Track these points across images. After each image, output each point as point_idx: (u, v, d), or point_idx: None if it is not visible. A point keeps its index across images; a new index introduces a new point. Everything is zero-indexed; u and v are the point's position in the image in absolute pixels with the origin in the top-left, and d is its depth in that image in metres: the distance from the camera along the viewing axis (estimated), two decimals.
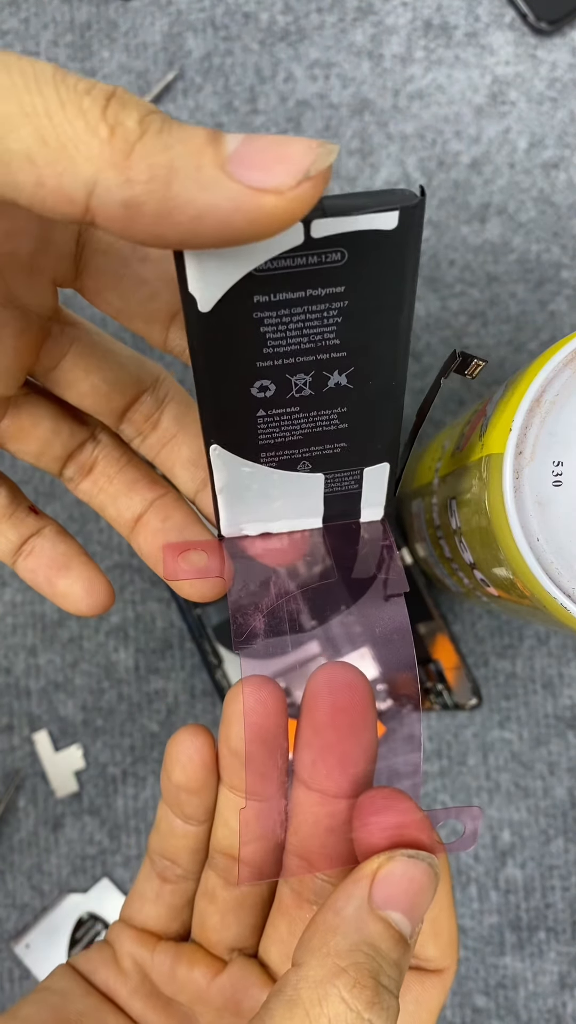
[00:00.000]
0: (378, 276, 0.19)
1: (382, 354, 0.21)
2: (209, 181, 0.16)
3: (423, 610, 0.40)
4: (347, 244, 0.18)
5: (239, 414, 0.22)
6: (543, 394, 0.26)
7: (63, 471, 0.27)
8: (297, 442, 0.23)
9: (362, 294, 0.20)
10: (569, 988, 0.46)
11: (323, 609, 0.26)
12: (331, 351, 0.21)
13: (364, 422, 0.23)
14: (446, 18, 0.48)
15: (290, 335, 0.20)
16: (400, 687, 0.44)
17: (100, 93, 0.16)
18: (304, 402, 0.22)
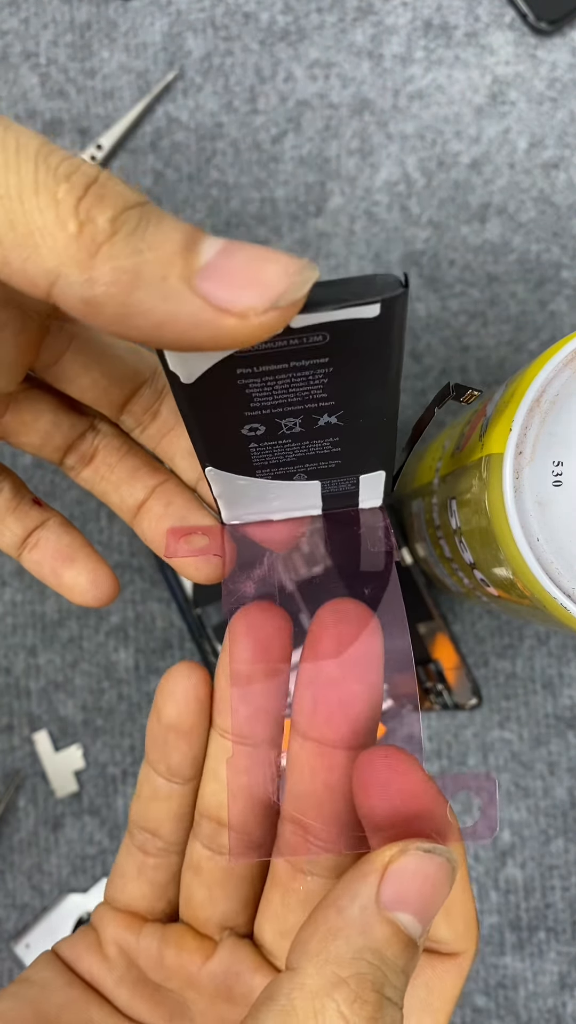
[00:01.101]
0: (363, 353, 0.19)
1: (371, 404, 0.21)
2: (172, 293, 0.15)
3: (423, 610, 0.40)
4: (328, 330, 0.18)
5: (231, 448, 0.22)
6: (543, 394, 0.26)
7: (64, 460, 0.27)
8: (291, 462, 0.23)
9: (347, 365, 0.19)
10: (569, 988, 0.46)
11: (318, 597, 0.26)
12: (319, 401, 0.21)
13: (357, 446, 0.23)
14: (446, 18, 0.48)
15: (276, 393, 0.20)
16: (399, 685, 0.44)
17: (80, 181, 0.16)
18: (295, 436, 0.22)
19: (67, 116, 0.48)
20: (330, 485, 0.25)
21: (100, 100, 0.48)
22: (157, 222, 0.16)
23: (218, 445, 0.22)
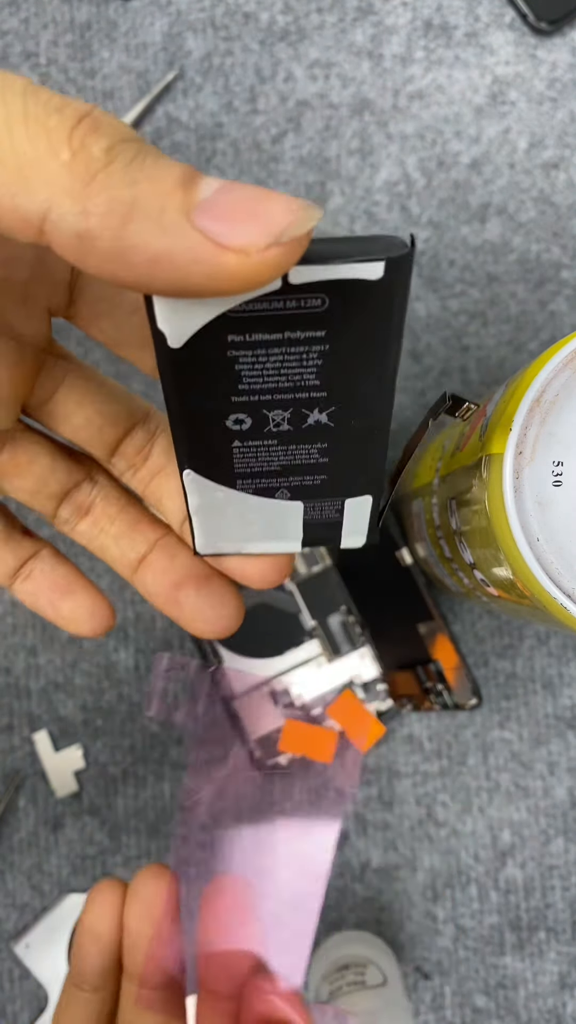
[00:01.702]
0: (362, 325, 0.18)
1: (365, 397, 0.20)
2: (170, 226, 0.15)
3: (423, 610, 0.40)
4: (328, 291, 0.17)
5: (213, 444, 0.21)
6: (543, 394, 0.26)
7: (58, 512, 0.26)
8: (275, 472, 0.22)
9: (344, 340, 0.18)
10: (569, 988, 0.46)
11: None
12: (311, 391, 0.20)
13: (345, 458, 0.22)
14: (446, 18, 0.48)
15: (267, 374, 0.19)
16: (399, 687, 0.44)
17: (72, 112, 0.15)
18: (282, 436, 0.21)
19: None
20: (313, 510, 0.24)
21: (100, 100, 0.48)
22: (155, 156, 0.15)
23: (200, 438, 0.21)
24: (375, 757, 0.47)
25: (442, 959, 0.47)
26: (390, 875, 0.47)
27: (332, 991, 0.41)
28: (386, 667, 0.45)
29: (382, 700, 0.46)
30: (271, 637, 0.46)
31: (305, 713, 0.46)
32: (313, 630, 0.46)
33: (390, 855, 0.47)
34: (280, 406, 0.20)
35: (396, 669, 0.45)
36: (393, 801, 0.47)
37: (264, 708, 0.45)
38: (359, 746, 0.45)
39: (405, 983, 0.46)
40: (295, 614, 0.46)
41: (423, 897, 0.47)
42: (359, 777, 0.35)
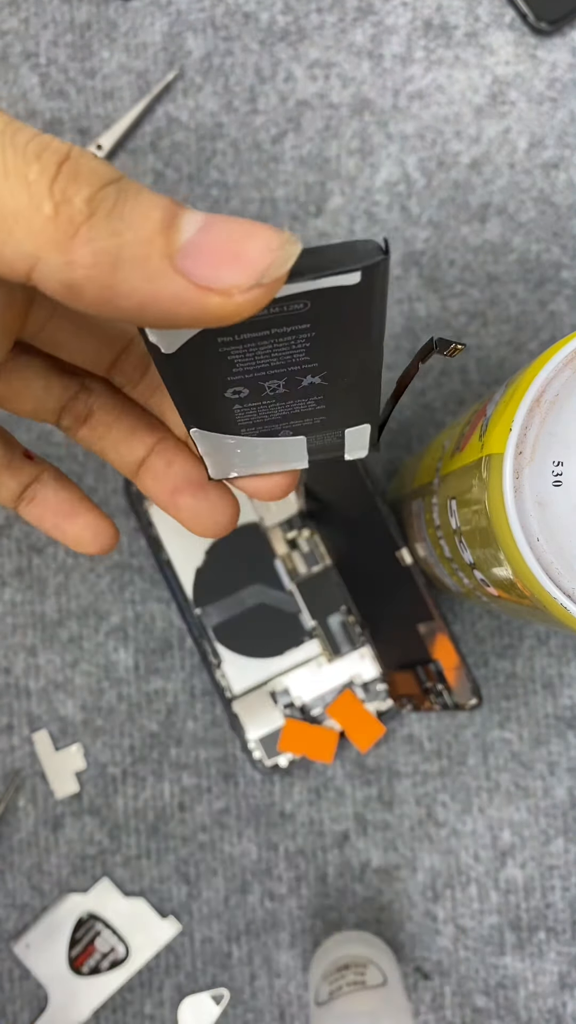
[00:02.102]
0: (344, 318, 0.19)
1: (353, 365, 0.21)
2: (155, 273, 0.15)
3: (423, 610, 0.40)
4: (310, 298, 0.17)
5: (215, 409, 0.22)
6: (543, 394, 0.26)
7: (60, 421, 0.27)
8: (276, 419, 0.23)
9: (328, 329, 0.19)
10: (569, 988, 0.46)
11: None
12: (302, 364, 0.20)
13: (341, 402, 0.23)
14: (446, 18, 0.48)
15: (259, 359, 0.20)
16: (399, 687, 0.44)
17: (52, 159, 0.15)
18: (279, 397, 0.22)
19: (67, 116, 0.48)
20: (316, 440, 0.25)
21: (100, 100, 0.48)
22: (135, 198, 0.15)
23: (202, 410, 0.22)
24: (375, 757, 0.47)
25: (442, 959, 0.47)
26: (390, 875, 0.47)
27: (332, 991, 0.41)
28: (386, 667, 0.45)
29: (382, 700, 0.46)
30: (271, 637, 0.46)
31: (305, 713, 0.46)
32: (313, 630, 0.46)
33: (390, 855, 0.47)
34: (275, 377, 0.21)
35: (396, 669, 0.45)
36: (393, 801, 0.47)
37: (264, 708, 0.45)
38: (359, 746, 0.45)
39: (405, 983, 0.46)
40: (295, 614, 0.46)
41: (423, 897, 0.47)
42: None
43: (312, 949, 0.46)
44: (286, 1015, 0.46)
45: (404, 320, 0.48)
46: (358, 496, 0.41)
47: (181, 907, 0.47)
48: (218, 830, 0.47)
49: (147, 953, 0.46)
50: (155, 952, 0.46)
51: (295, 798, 0.47)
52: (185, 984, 0.46)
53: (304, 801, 0.47)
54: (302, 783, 0.47)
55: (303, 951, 0.46)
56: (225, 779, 0.47)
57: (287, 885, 0.47)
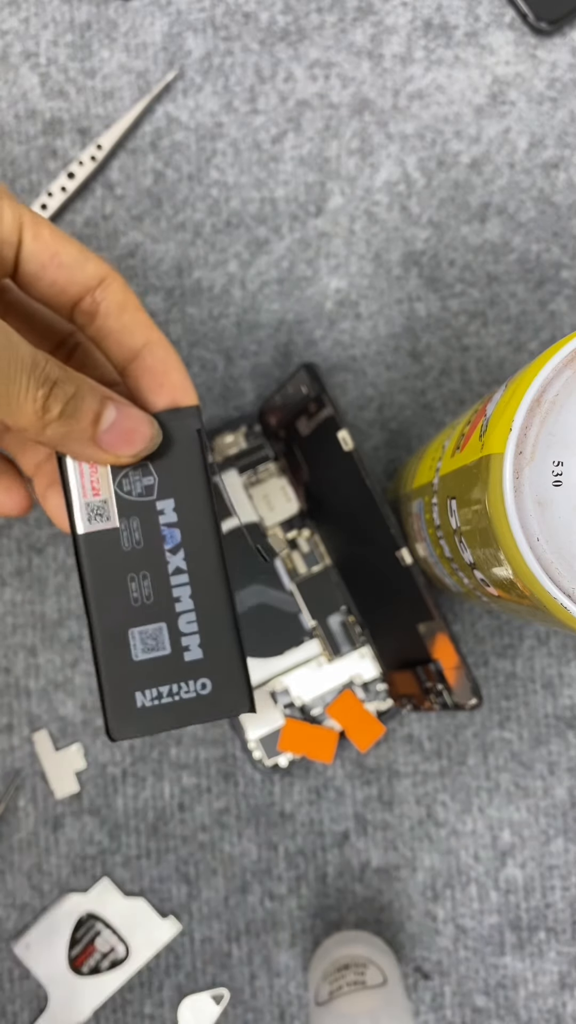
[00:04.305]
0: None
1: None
2: (85, 447, 0.29)
3: (423, 610, 0.40)
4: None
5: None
6: (543, 394, 0.26)
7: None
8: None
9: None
10: (569, 988, 0.46)
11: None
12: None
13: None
14: (446, 18, 0.48)
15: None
16: (399, 687, 0.44)
17: (47, 387, 0.27)
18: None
19: (67, 116, 0.48)
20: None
21: (100, 100, 0.48)
22: (83, 400, 0.28)
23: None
24: (375, 757, 0.47)
25: (442, 959, 0.47)
26: (390, 875, 0.47)
27: (332, 991, 0.41)
28: (386, 667, 0.45)
29: (382, 700, 0.46)
30: (271, 637, 0.46)
31: (305, 713, 0.46)
32: (313, 630, 0.46)
33: (390, 855, 0.47)
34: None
35: (396, 669, 0.45)
36: (393, 801, 0.47)
37: (264, 708, 0.45)
38: (359, 746, 0.45)
39: (405, 983, 0.46)
40: (295, 614, 0.46)
41: (423, 897, 0.47)
42: None
43: (312, 949, 0.46)
44: (286, 1015, 0.46)
45: (404, 320, 0.48)
46: (358, 496, 0.41)
47: (181, 907, 0.47)
48: (218, 830, 0.47)
49: (147, 953, 0.46)
50: (155, 952, 0.46)
51: (295, 798, 0.47)
52: (185, 984, 0.46)
53: (304, 801, 0.47)
54: (302, 783, 0.47)
55: (303, 951, 0.46)
56: (225, 779, 0.47)
57: (287, 885, 0.47)
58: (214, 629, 0.30)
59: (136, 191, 0.48)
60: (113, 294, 0.31)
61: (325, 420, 0.42)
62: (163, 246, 0.48)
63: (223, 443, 0.47)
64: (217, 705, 0.29)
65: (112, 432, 0.29)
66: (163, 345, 0.31)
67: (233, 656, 0.29)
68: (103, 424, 0.29)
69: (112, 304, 0.31)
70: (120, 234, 0.48)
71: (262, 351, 0.48)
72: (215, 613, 0.30)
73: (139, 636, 0.30)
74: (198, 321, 0.48)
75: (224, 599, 0.30)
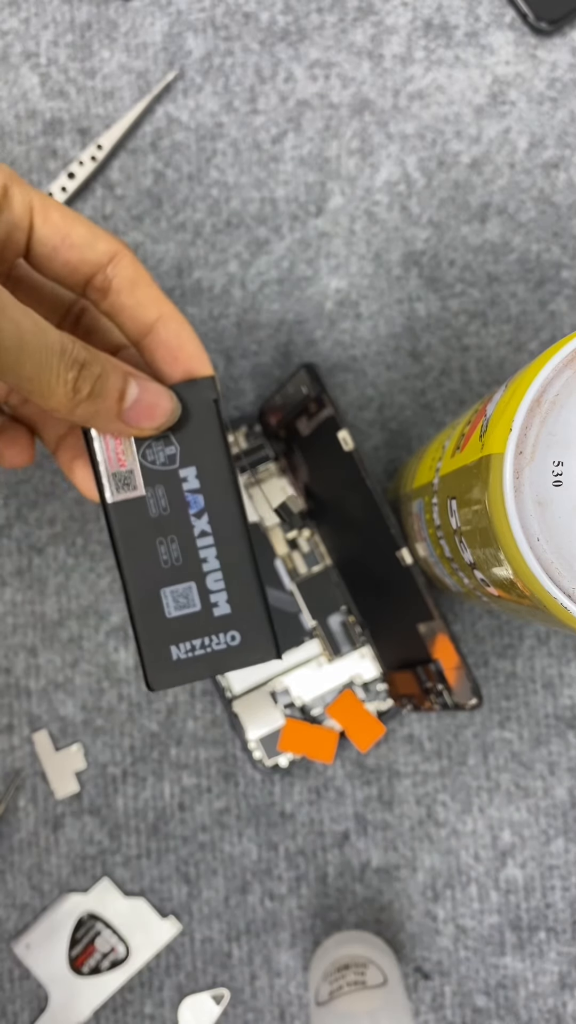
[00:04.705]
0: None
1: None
2: (112, 422, 0.31)
3: (423, 610, 0.40)
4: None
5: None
6: (543, 394, 0.26)
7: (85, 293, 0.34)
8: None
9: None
10: (569, 988, 0.46)
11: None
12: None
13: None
14: (446, 18, 0.48)
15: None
16: (400, 687, 0.44)
17: (76, 367, 0.28)
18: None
19: (67, 116, 0.48)
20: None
21: (100, 100, 0.48)
22: (108, 379, 0.30)
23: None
24: (375, 757, 0.47)
25: (442, 959, 0.47)
26: (390, 875, 0.47)
27: (332, 991, 0.41)
28: (386, 667, 0.45)
29: (382, 700, 0.46)
30: None
31: (305, 713, 0.46)
32: (313, 630, 0.46)
33: (390, 855, 0.47)
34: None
35: (396, 669, 0.45)
36: (393, 801, 0.47)
37: (264, 708, 0.45)
38: (359, 746, 0.45)
39: (405, 983, 0.46)
40: (295, 614, 0.46)
41: (423, 897, 0.47)
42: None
43: (312, 949, 0.46)
44: (286, 1015, 0.46)
45: (404, 320, 0.48)
46: (358, 496, 0.41)
47: (181, 907, 0.47)
48: (218, 830, 0.47)
49: (147, 953, 0.46)
50: (155, 952, 0.46)
51: (295, 798, 0.47)
52: (185, 984, 0.46)
53: (304, 801, 0.47)
54: (302, 783, 0.47)
55: (303, 951, 0.47)
56: (225, 779, 0.47)
57: (287, 885, 0.47)
58: (240, 586, 0.32)
59: (136, 191, 0.48)
60: (124, 270, 0.31)
61: (325, 420, 0.42)
62: (163, 246, 0.48)
63: None
64: (246, 654, 0.32)
65: (136, 408, 0.30)
66: (176, 318, 0.32)
67: (259, 609, 0.32)
68: (127, 401, 0.30)
69: (124, 280, 0.31)
70: (120, 234, 0.48)
71: (262, 351, 0.48)
72: (240, 571, 0.32)
73: (171, 595, 0.32)
74: (198, 321, 0.48)
75: (247, 558, 0.32)
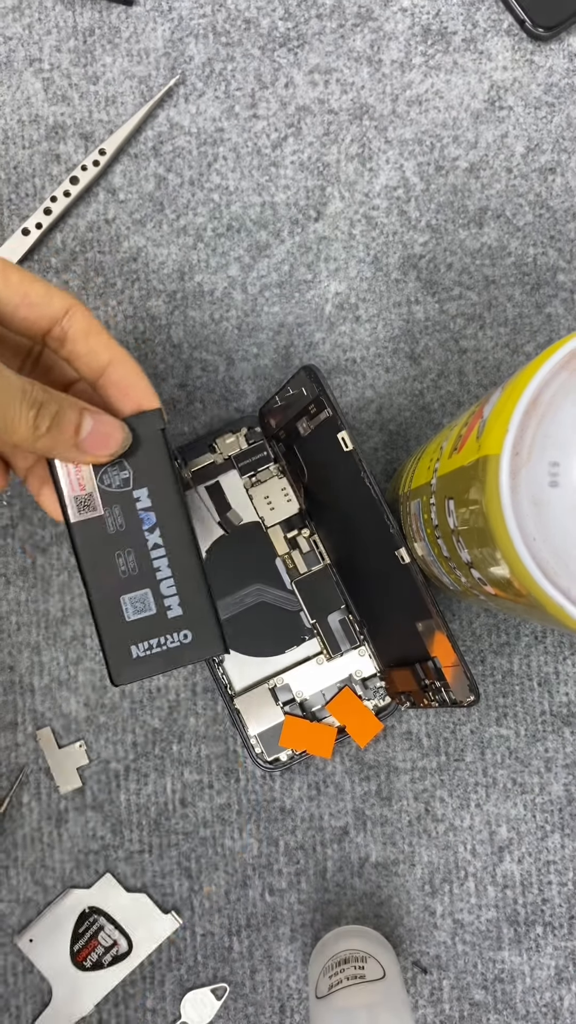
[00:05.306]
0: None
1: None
2: (71, 452, 0.35)
3: (421, 608, 0.40)
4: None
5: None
6: (540, 396, 0.26)
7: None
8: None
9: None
10: (566, 982, 0.47)
11: None
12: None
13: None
14: (444, 24, 0.49)
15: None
16: (398, 684, 0.45)
17: (35, 407, 0.33)
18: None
19: (70, 121, 0.48)
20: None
21: (103, 105, 0.48)
22: (65, 414, 0.34)
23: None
24: (373, 753, 0.47)
25: (440, 953, 0.47)
26: (389, 870, 0.47)
27: (332, 985, 0.41)
28: (385, 664, 0.46)
29: (381, 697, 0.46)
30: (272, 635, 0.46)
31: (305, 710, 0.46)
32: (313, 628, 0.46)
33: (389, 850, 0.47)
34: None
35: (394, 666, 0.45)
36: (391, 797, 0.47)
37: (264, 704, 0.46)
38: (358, 742, 0.45)
39: (404, 977, 0.47)
40: (295, 613, 0.46)
41: (421, 892, 0.47)
42: None
43: (312, 943, 0.47)
44: (286, 1008, 0.47)
45: (403, 323, 0.48)
46: (357, 496, 0.41)
47: (182, 902, 0.47)
48: (219, 825, 0.47)
49: (149, 947, 0.47)
50: (157, 946, 0.47)
51: (295, 793, 0.47)
52: (186, 978, 0.47)
53: (304, 796, 0.47)
54: (302, 779, 0.47)
55: (303, 945, 0.47)
56: (226, 775, 0.47)
57: (287, 880, 0.47)
58: (189, 590, 0.36)
59: (138, 195, 0.48)
60: (78, 323, 0.36)
61: (325, 421, 0.42)
62: (165, 250, 0.48)
63: (224, 444, 0.47)
64: (197, 649, 0.36)
65: (91, 438, 0.35)
66: (125, 361, 0.36)
67: (207, 611, 0.36)
68: (83, 432, 0.34)
69: (78, 331, 0.36)
70: (123, 238, 0.48)
71: (263, 353, 0.48)
72: (189, 577, 0.36)
73: (129, 601, 0.36)
74: (199, 324, 0.48)
75: (195, 565, 0.36)
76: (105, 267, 0.48)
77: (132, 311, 0.48)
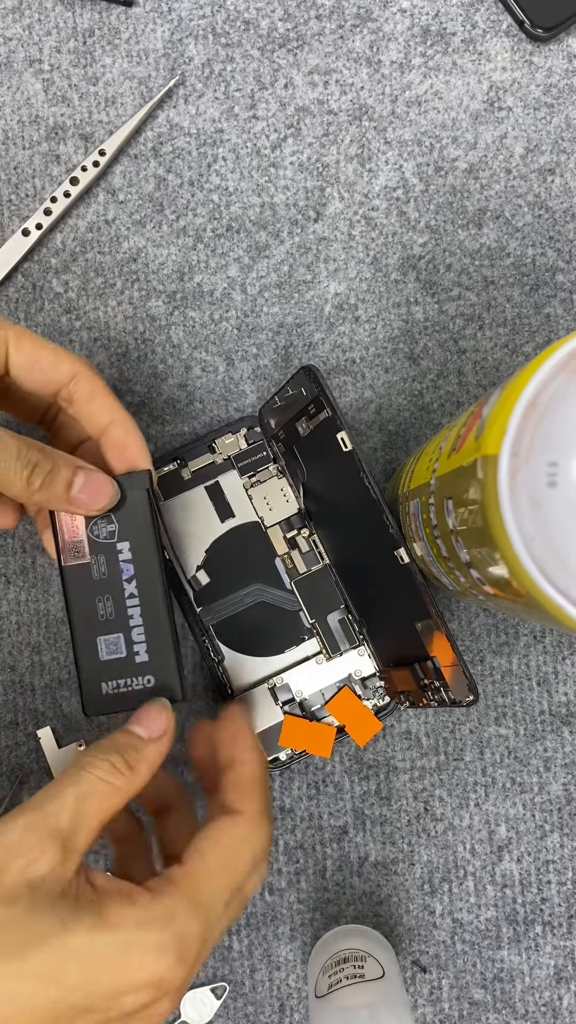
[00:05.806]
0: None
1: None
2: (64, 505, 0.38)
3: (420, 608, 0.41)
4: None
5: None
6: (538, 396, 0.26)
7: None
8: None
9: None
10: (565, 981, 0.47)
11: None
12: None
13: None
14: (444, 25, 0.49)
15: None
16: (397, 683, 0.45)
17: (29, 467, 0.37)
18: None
19: (70, 122, 0.48)
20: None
21: (103, 106, 0.48)
22: (58, 472, 0.37)
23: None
24: (373, 753, 0.47)
25: (440, 953, 0.47)
26: (388, 869, 0.47)
27: (331, 984, 0.42)
28: (384, 664, 0.46)
29: (380, 697, 0.46)
30: (271, 635, 0.46)
31: (304, 709, 0.46)
32: (312, 628, 0.47)
33: (388, 850, 0.47)
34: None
35: (394, 666, 0.45)
36: (391, 796, 0.47)
37: (264, 704, 0.46)
38: (357, 741, 0.45)
39: (403, 976, 0.47)
40: (295, 612, 0.47)
41: (420, 891, 0.47)
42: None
43: (311, 942, 0.47)
44: (286, 1007, 0.47)
45: (402, 323, 0.48)
46: (357, 496, 0.41)
47: None
48: None
49: None
50: None
51: (294, 793, 0.47)
52: None
53: (303, 796, 0.47)
54: (301, 778, 0.47)
55: (302, 944, 0.47)
56: None
57: (287, 879, 0.47)
58: (156, 640, 0.39)
59: (138, 196, 0.48)
60: (83, 387, 0.39)
61: (324, 422, 0.42)
62: (165, 250, 0.48)
63: (224, 444, 0.47)
64: (158, 694, 0.39)
65: (82, 493, 0.38)
66: (124, 422, 0.39)
67: (170, 660, 0.39)
68: (75, 488, 0.38)
69: (83, 394, 0.39)
70: (122, 239, 0.48)
71: (262, 354, 0.48)
72: (158, 628, 0.39)
73: (104, 643, 0.39)
74: (199, 324, 0.48)
75: (165, 618, 0.39)
76: (105, 268, 0.48)
77: (132, 311, 0.48)
